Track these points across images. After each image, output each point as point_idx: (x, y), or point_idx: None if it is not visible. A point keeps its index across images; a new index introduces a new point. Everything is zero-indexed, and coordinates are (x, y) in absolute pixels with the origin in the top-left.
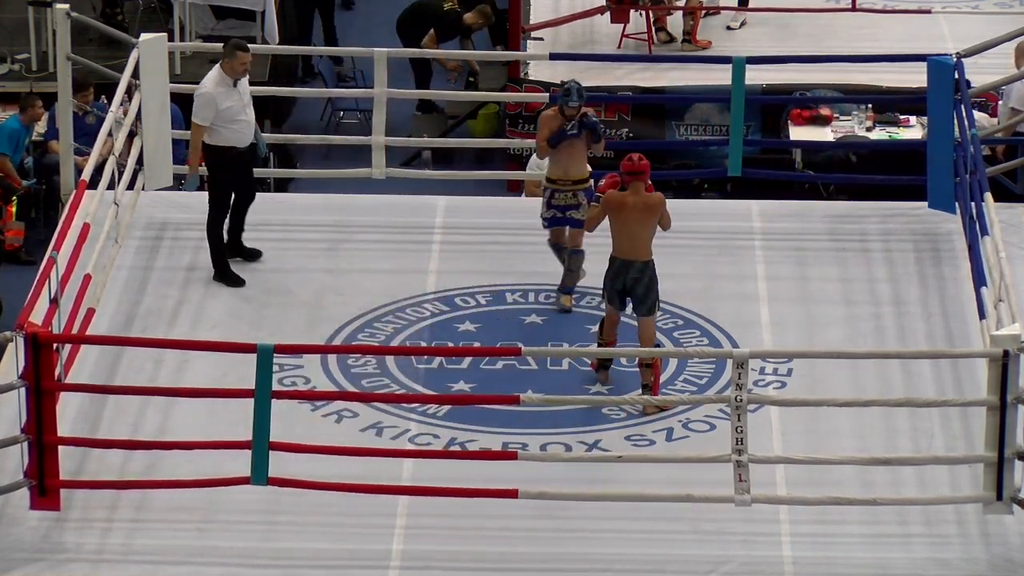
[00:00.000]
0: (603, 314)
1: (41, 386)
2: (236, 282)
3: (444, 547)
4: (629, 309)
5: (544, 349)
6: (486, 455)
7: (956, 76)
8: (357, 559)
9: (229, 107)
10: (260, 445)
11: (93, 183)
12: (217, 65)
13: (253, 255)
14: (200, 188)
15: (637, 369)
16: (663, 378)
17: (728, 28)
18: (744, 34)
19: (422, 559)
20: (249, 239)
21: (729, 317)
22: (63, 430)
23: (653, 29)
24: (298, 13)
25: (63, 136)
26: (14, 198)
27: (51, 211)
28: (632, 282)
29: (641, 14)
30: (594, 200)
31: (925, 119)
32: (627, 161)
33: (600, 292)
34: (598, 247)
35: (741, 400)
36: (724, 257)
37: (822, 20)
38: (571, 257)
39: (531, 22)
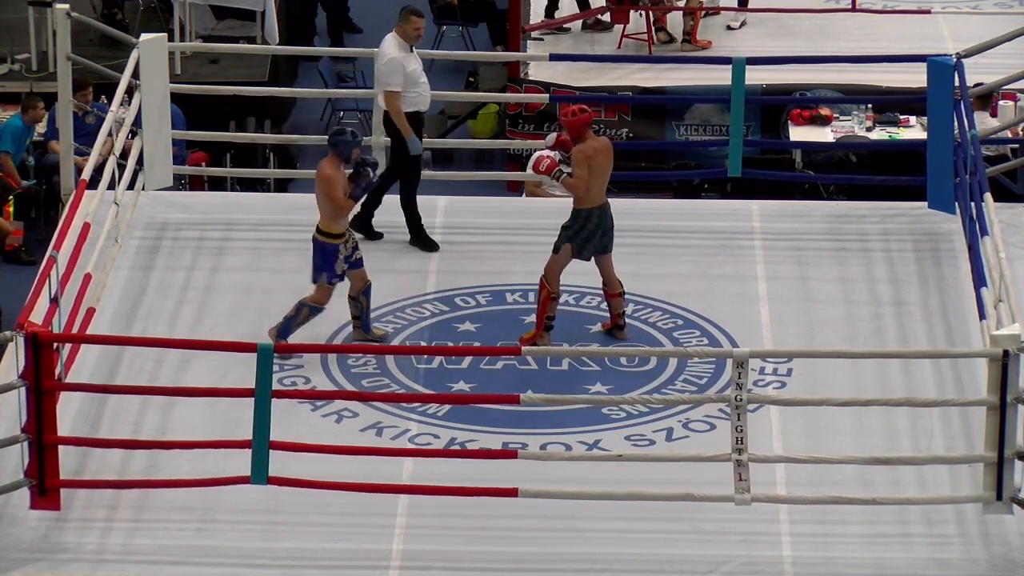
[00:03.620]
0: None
1: (41, 386)
2: (430, 246)
3: (444, 547)
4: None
5: (544, 349)
6: (486, 455)
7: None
8: (357, 559)
9: (413, 70)
10: (260, 445)
11: (93, 183)
12: (392, 33)
13: (377, 236)
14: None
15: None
16: (664, 378)
17: (728, 28)
18: (744, 34)
19: (422, 559)
20: (249, 238)
21: (729, 317)
22: (63, 430)
23: (653, 29)
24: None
25: (63, 136)
26: (11, 197)
27: (51, 211)
28: (609, 222)
29: (641, 14)
30: (563, 162)
31: (925, 119)
32: (580, 112)
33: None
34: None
35: (741, 400)
36: (724, 257)
37: (822, 20)
38: (366, 296)
39: (531, 22)
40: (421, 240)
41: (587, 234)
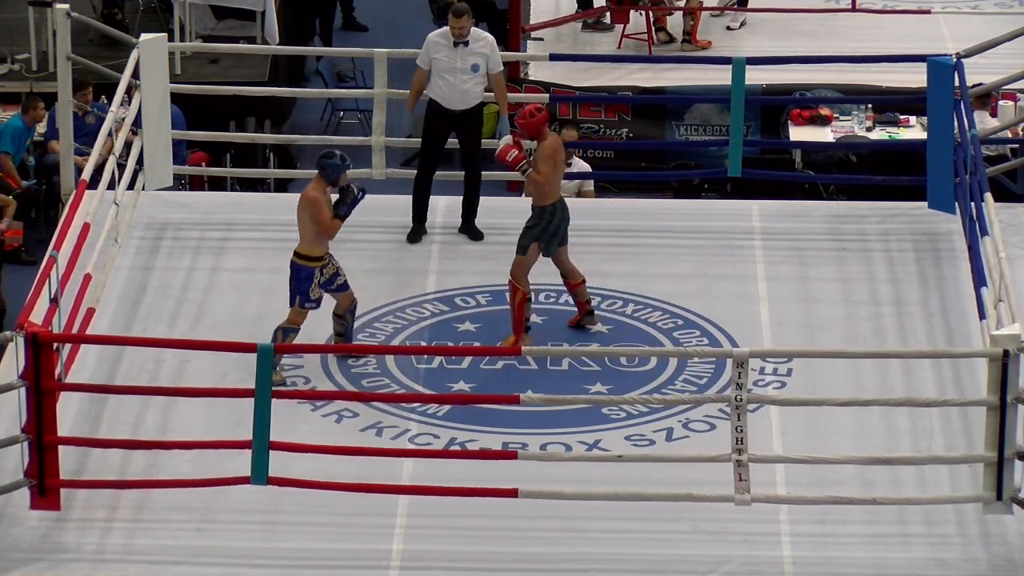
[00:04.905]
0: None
1: (41, 386)
2: (413, 237)
3: (444, 547)
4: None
5: (544, 349)
6: (486, 455)
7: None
8: (357, 559)
9: (437, 59)
10: (260, 445)
11: (93, 183)
12: None
13: (476, 235)
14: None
15: (575, 305)
16: (664, 378)
17: (728, 28)
18: (744, 34)
19: (422, 559)
20: (249, 238)
21: (729, 317)
22: (63, 430)
23: (653, 29)
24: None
25: (63, 136)
26: (9, 197)
27: (51, 211)
28: (568, 215)
29: (641, 14)
30: (522, 167)
31: (925, 119)
32: (537, 111)
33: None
34: None
35: (741, 400)
36: (724, 257)
37: (822, 20)
38: (351, 315)
39: (531, 22)
40: (415, 234)
41: (553, 230)
